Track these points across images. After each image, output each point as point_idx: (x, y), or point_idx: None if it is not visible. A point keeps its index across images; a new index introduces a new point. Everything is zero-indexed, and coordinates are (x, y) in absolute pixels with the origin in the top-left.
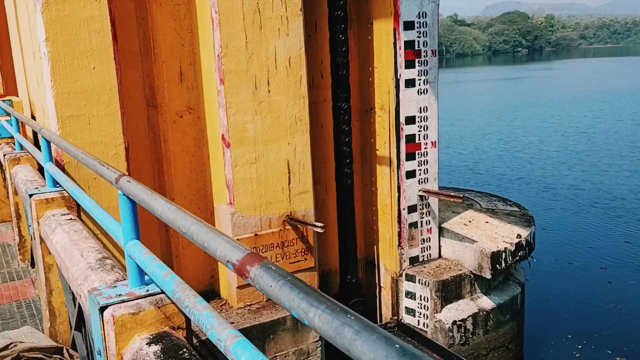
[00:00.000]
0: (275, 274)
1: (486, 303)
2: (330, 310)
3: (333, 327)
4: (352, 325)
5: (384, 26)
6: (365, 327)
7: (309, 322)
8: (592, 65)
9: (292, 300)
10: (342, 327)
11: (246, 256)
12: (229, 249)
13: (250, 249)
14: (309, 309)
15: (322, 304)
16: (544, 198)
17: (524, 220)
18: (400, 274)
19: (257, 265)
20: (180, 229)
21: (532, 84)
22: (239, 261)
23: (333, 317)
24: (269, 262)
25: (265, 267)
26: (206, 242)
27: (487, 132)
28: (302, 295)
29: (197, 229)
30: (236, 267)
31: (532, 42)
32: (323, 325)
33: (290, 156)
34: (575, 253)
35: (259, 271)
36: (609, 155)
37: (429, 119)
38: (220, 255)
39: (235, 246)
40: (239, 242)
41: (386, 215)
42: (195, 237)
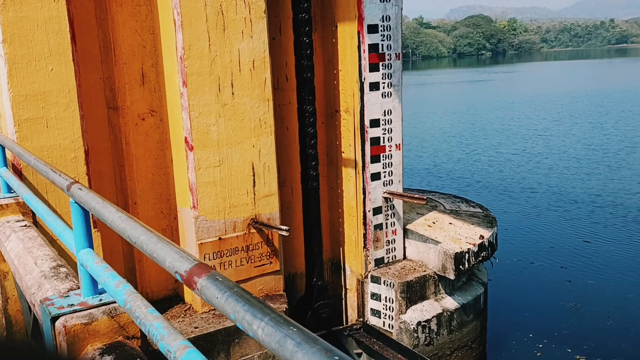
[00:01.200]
0: (221, 285)
1: (450, 303)
2: (274, 322)
3: (276, 339)
4: (294, 338)
5: (348, 29)
6: (307, 339)
7: (253, 333)
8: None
9: (237, 312)
10: (285, 339)
11: (194, 267)
12: (177, 259)
13: (198, 260)
14: (252, 320)
15: (266, 315)
16: (505, 199)
17: (487, 221)
18: (365, 275)
19: (205, 276)
20: (130, 238)
21: (494, 87)
22: (187, 272)
23: (276, 329)
24: (216, 273)
25: (212, 278)
26: (155, 252)
27: (450, 135)
28: (247, 307)
29: (147, 239)
30: (184, 277)
31: (496, 45)
32: (266, 337)
33: (255, 159)
34: (536, 253)
35: (205, 282)
36: (565, 157)
37: (393, 121)
38: (168, 266)
39: (184, 257)
40: (188, 253)
41: (352, 217)
42: (145, 246)
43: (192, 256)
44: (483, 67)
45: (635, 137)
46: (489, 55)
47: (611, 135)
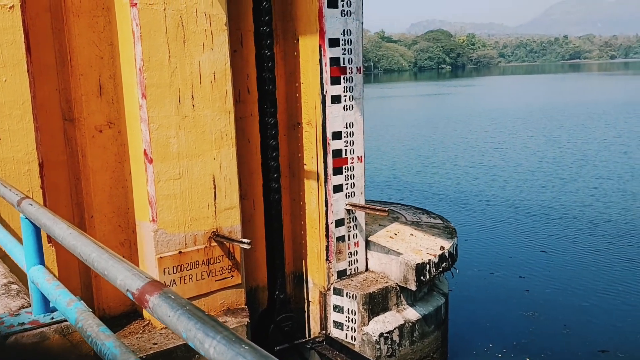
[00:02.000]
0: (174, 303)
1: (412, 314)
2: (226, 341)
3: (228, 358)
4: (246, 356)
5: (310, 43)
6: (259, 357)
7: (205, 352)
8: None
9: (189, 331)
10: (237, 358)
11: (146, 285)
12: (129, 277)
13: (150, 277)
14: (204, 339)
15: (218, 334)
16: (464, 211)
17: (447, 232)
18: (328, 288)
19: (157, 294)
20: (82, 255)
21: (453, 100)
22: (139, 290)
23: (228, 348)
24: (169, 291)
25: (165, 296)
26: (106, 270)
27: (410, 147)
28: (199, 325)
29: (98, 256)
30: (136, 296)
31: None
32: (218, 355)
33: (216, 171)
34: (495, 263)
35: (157, 300)
36: (520, 170)
37: (355, 134)
38: (120, 284)
39: (136, 274)
40: (140, 270)
41: (314, 229)
42: (96, 264)
43: (145, 273)
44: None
45: (587, 150)
46: (449, 69)
47: (564, 149)
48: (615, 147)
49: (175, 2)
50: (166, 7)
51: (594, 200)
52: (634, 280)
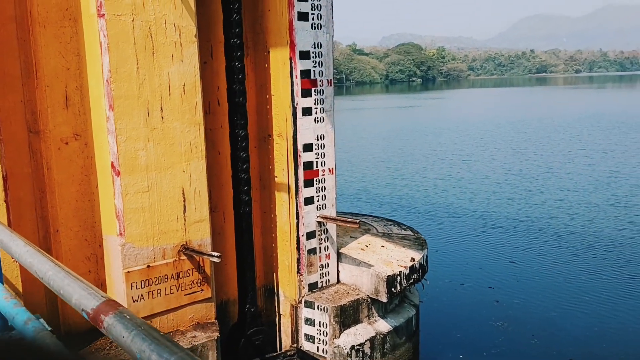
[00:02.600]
0: (128, 323)
1: (383, 326)
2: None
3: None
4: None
5: (281, 55)
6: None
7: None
8: (478, 95)
9: (143, 352)
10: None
11: (101, 304)
12: (85, 296)
13: (106, 297)
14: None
15: (173, 355)
16: (434, 222)
17: (418, 244)
18: (299, 300)
19: (111, 314)
20: (37, 273)
21: (424, 112)
22: (94, 310)
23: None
24: (124, 310)
25: (119, 316)
26: (62, 289)
27: (381, 159)
28: (154, 347)
29: (54, 274)
30: (90, 315)
31: (426, 72)
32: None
33: (185, 184)
34: (465, 274)
35: (112, 320)
36: (488, 182)
37: (326, 146)
38: (75, 303)
39: (92, 293)
40: (96, 289)
41: (285, 242)
42: (52, 283)
43: (100, 292)
44: (414, 93)
45: (552, 163)
46: (420, 81)
47: (531, 161)
48: (579, 160)
49: (143, 13)
50: (135, 18)
51: (559, 212)
52: (599, 290)
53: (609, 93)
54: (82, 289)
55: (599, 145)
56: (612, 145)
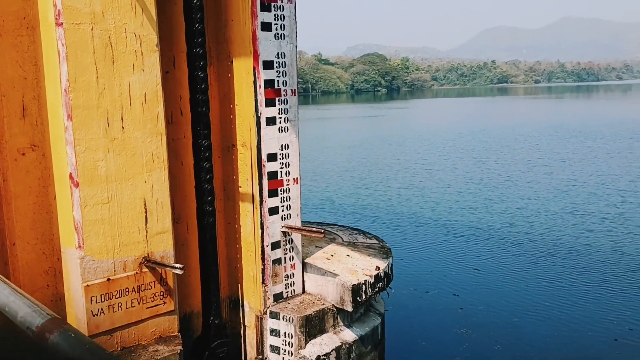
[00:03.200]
0: (73, 341)
1: (349, 335)
2: None
3: None
4: None
5: (244, 65)
6: None
7: None
8: (442, 105)
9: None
10: None
11: (46, 322)
12: (30, 314)
13: (52, 314)
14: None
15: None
16: (399, 231)
17: (383, 253)
18: (264, 311)
19: (56, 332)
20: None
21: (388, 122)
22: (38, 327)
23: None
24: (69, 329)
25: (64, 334)
26: (7, 306)
27: (346, 169)
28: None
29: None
30: (35, 333)
31: (390, 82)
32: None
33: (147, 195)
34: (430, 282)
35: (57, 338)
36: (450, 191)
37: (290, 156)
38: (20, 321)
39: (37, 311)
40: (42, 307)
41: (250, 252)
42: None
43: (46, 310)
44: (379, 102)
45: (512, 172)
46: (385, 91)
47: (492, 170)
48: (538, 168)
49: (103, 22)
50: (94, 26)
51: (519, 220)
52: (558, 296)
53: (566, 103)
54: (28, 306)
55: (557, 154)
56: (570, 154)
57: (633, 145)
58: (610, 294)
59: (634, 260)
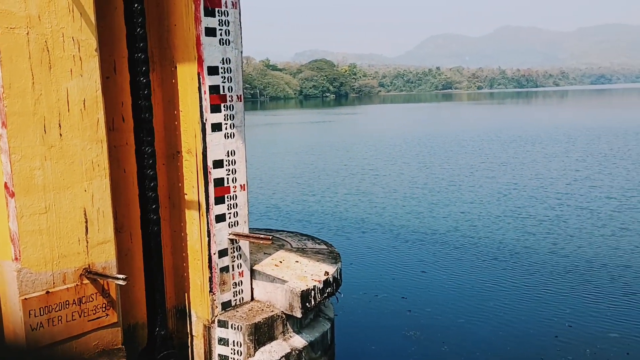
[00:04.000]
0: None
1: (298, 342)
2: None
3: None
4: None
5: (188, 70)
6: None
7: None
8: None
9: None
10: None
11: None
12: None
13: None
14: None
15: None
16: (348, 236)
17: (331, 258)
18: (212, 320)
19: None
20: None
21: (336, 128)
22: None
23: None
24: None
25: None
26: None
27: (293, 175)
28: None
29: None
30: None
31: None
32: None
33: (87, 204)
34: (379, 286)
35: None
36: (395, 196)
37: (237, 162)
38: None
39: None
40: None
41: (196, 261)
42: None
43: None
44: (327, 108)
45: (456, 176)
46: (333, 97)
47: (437, 175)
48: (480, 173)
49: (39, 26)
50: (30, 31)
51: (463, 224)
52: (501, 296)
53: (507, 108)
54: None
55: (498, 158)
56: (510, 158)
57: (569, 149)
58: (550, 294)
59: (572, 261)
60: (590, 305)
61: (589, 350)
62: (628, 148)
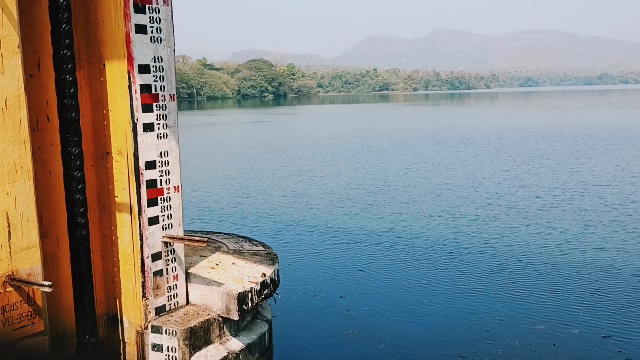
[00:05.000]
0: None
1: (235, 345)
2: None
3: None
4: None
5: (118, 68)
6: None
7: None
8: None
9: None
10: None
11: None
12: None
13: None
14: None
15: None
16: (286, 237)
17: (269, 259)
18: (145, 326)
19: None
20: None
21: (274, 128)
22: None
23: None
24: None
25: None
26: None
27: (231, 176)
28: None
29: None
30: None
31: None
32: None
33: (9, 208)
34: (318, 286)
35: None
36: (332, 197)
37: (170, 163)
38: None
39: None
40: None
41: (128, 265)
42: None
43: None
44: (266, 108)
45: (390, 177)
46: (272, 97)
47: (372, 175)
48: (414, 173)
49: None
50: None
51: (398, 224)
52: (436, 293)
53: (441, 110)
54: None
55: (432, 159)
56: (443, 159)
57: (499, 149)
58: (482, 290)
59: (502, 259)
60: (519, 300)
61: (517, 343)
62: (554, 148)
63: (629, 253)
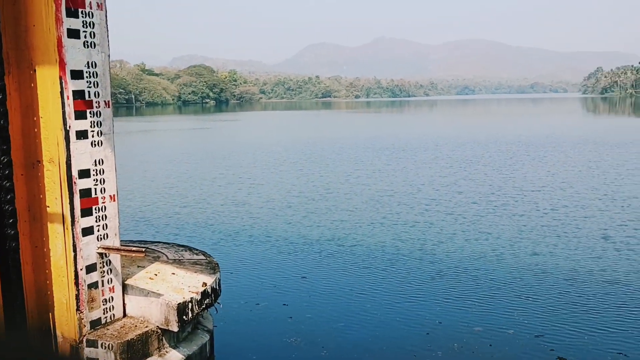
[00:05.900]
0: None
1: (175, 357)
2: None
3: None
4: None
5: (49, 74)
6: None
7: None
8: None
9: None
10: None
11: None
12: None
13: None
14: None
15: None
16: (227, 245)
17: (210, 268)
18: (80, 340)
19: None
20: None
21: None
22: None
23: None
24: None
25: None
26: None
27: (169, 185)
28: None
29: None
30: None
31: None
32: None
33: None
34: (260, 294)
35: None
36: (272, 205)
37: (105, 171)
38: None
39: None
40: None
41: (61, 277)
42: None
43: None
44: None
45: (331, 184)
46: (213, 103)
47: (313, 182)
48: (355, 180)
49: None
50: None
51: (339, 231)
52: (377, 298)
53: (382, 117)
54: None
55: (373, 165)
56: (383, 165)
57: (437, 156)
58: (422, 294)
59: (440, 264)
60: (458, 304)
61: (456, 344)
62: (489, 155)
63: (559, 257)
